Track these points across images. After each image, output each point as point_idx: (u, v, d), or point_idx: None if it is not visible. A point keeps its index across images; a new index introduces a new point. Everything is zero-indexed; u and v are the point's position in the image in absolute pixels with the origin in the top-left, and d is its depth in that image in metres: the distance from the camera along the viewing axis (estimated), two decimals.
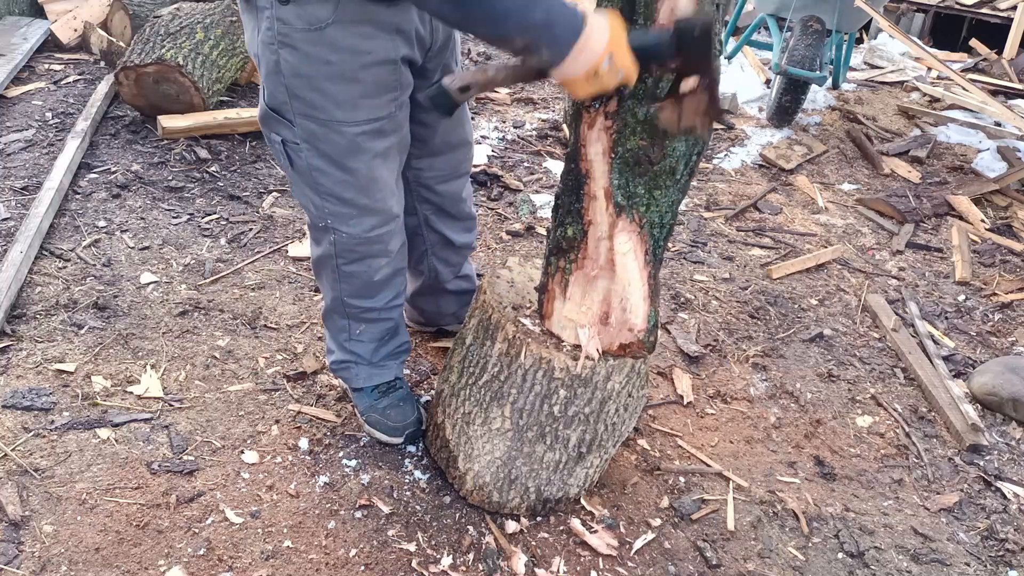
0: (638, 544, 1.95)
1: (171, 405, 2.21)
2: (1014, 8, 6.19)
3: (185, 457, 2.05)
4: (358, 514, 1.94)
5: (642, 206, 1.63)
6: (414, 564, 1.83)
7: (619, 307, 1.69)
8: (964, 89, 4.72)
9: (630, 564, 1.90)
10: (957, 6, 6.49)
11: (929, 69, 5.69)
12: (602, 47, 1.34)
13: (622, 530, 1.99)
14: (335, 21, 1.59)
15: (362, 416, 2.17)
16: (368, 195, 1.83)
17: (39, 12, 4.87)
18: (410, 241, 2.27)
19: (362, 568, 1.81)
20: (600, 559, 1.90)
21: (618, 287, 1.68)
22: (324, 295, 2.09)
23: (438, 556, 1.85)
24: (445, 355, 2.15)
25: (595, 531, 1.96)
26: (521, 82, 1.49)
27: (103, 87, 3.95)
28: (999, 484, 2.29)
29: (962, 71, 5.61)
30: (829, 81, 4.90)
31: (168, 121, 3.60)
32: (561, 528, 1.97)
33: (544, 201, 3.49)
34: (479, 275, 2.71)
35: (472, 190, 2.36)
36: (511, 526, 1.95)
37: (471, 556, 1.86)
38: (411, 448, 2.14)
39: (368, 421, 2.15)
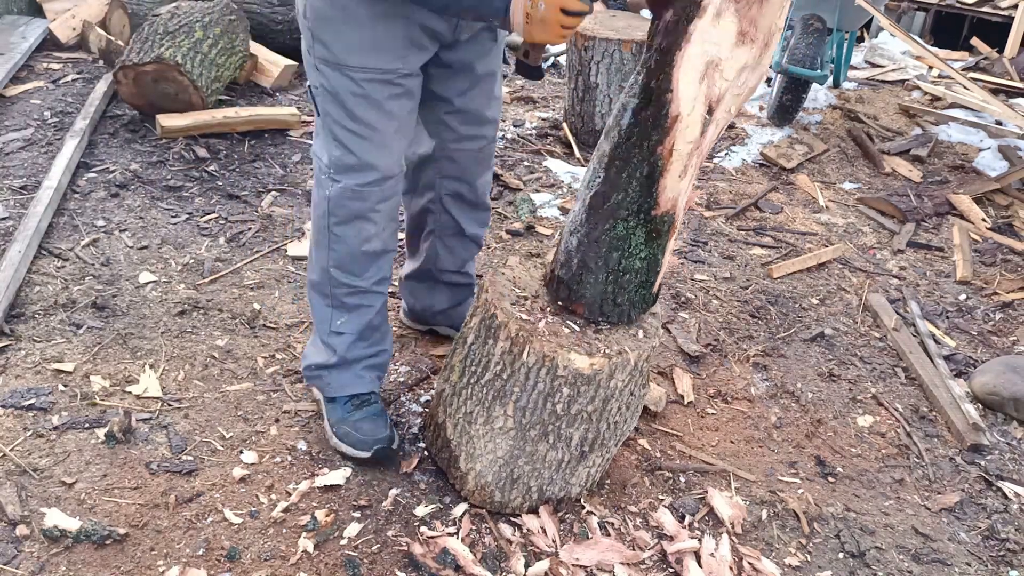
0: (638, 544, 1.95)
1: (170, 405, 2.20)
2: (1015, 7, 6.18)
3: (184, 457, 2.04)
4: (357, 515, 1.94)
5: None
6: (414, 565, 1.82)
7: None
8: (965, 88, 4.72)
9: (631, 564, 1.90)
10: (958, 5, 6.49)
11: (930, 68, 5.68)
12: None
13: (623, 530, 1.98)
14: None
15: (332, 428, 2.10)
16: (372, 145, 1.88)
17: (38, 11, 4.86)
18: (419, 217, 2.30)
19: (362, 569, 1.81)
20: (600, 559, 1.89)
21: None
22: (312, 269, 2.07)
23: (438, 557, 1.84)
24: (445, 355, 2.14)
25: (609, 533, 1.95)
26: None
27: (102, 86, 3.94)
28: (1000, 484, 2.29)
29: (963, 70, 5.60)
30: (830, 80, 4.89)
31: (167, 120, 3.60)
32: (562, 527, 1.96)
33: (544, 200, 3.48)
34: (479, 275, 2.70)
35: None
36: (512, 526, 1.94)
37: (472, 557, 1.85)
38: (411, 448, 2.13)
39: (337, 433, 2.08)
